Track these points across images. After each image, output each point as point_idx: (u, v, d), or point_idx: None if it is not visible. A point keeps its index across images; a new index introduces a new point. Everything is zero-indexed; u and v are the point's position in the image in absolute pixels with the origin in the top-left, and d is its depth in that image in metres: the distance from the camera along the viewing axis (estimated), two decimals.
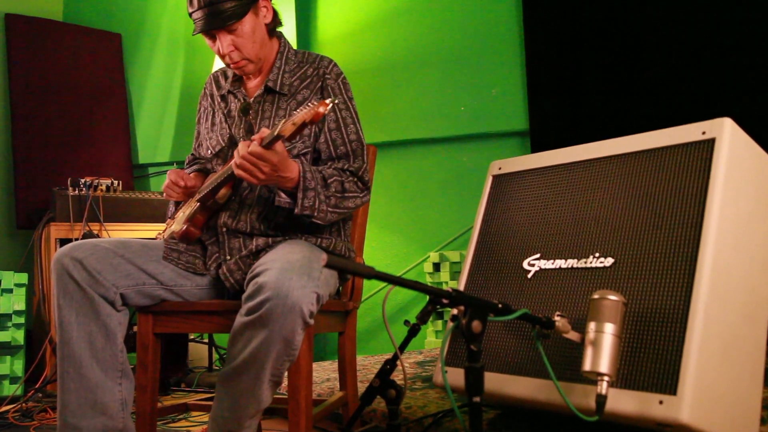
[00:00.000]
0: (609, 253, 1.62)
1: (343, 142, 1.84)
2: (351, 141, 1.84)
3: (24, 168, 3.66)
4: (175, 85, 4.16)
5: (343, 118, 1.86)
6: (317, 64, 1.92)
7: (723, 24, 2.90)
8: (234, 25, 1.78)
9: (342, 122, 1.85)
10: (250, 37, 1.81)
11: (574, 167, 1.81)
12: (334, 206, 1.75)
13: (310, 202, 1.69)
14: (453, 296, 1.30)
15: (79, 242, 1.71)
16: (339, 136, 1.84)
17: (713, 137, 1.56)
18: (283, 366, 1.53)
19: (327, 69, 1.90)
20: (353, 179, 1.81)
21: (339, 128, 1.84)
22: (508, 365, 1.68)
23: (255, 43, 1.83)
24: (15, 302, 2.93)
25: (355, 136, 1.86)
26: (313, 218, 1.71)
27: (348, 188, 1.78)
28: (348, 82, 1.93)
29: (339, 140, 1.84)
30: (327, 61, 1.93)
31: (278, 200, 1.72)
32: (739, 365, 1.53)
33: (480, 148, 3.61)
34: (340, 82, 1.90)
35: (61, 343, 1.64)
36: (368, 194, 1.86)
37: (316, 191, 1.69)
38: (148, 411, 1.76)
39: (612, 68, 3.17)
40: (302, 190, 1.68)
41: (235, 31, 1.79)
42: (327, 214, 1.73)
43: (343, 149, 1.83)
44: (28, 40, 3.81)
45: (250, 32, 1.81)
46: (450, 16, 3.67)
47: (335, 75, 1.90)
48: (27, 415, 2.55)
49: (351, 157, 1.83)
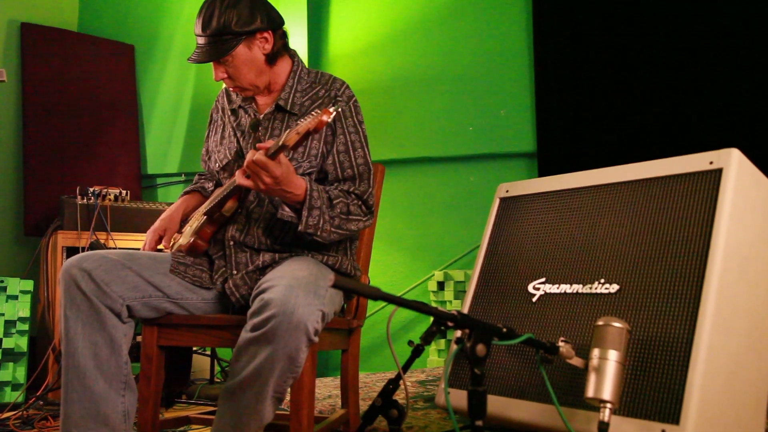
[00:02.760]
0: (614, 280, 1.63)
1: (351, 165, 1.85)
2: (359, 165, 1.85)
3: (34, 175, 3.68)
4: (185, 97, 4.19)
5: (352, 141, 1.87)
6: (329, 86, 1.93)
7: (732, 55, 2.92)
8: (225, 58, 1.80)
9: (351, 145, 1.86)
10: (241, 68, 1.83)
11: (581, 192, 1.82)
12: (338, 227, 1.76)
13: (315, 221, 1.70)
14: (458, 319, 1.31)
15: (87, 253, 1.72)
16: (347, 159, 1.85)
17: (720, 167, 1.57)
18: (286, 383, 1.53)
19: (339, 91, 1.91)
20: (358, 202, 1.82)
21: (347, 151, 1.85)
22: (511, 388, 1.68)
23: (249, 73, 1.85)
24: (20, 309, 2.93)
25: (363, 159, 1.87)
26: (315, 236, 1.72)
27: (353, 211, 1.80)
28: (359, 106, 1.94)
29: (347, 163, 1.85)
30: (339, 83, 1.94)
31: (281, 213, 1.73)
32: (742, 395, 1.53)
33: (487, 169, 3.62)
34: (351, 104, 1.91)
35: (66, 354, 1.65)
36: (371, 218, 1.88)
37: (321, 210, 1.70)
38: (150, 423, 1.76)
39: (620, 93, 3.19)
40: (308, 208, 1.69)
41: (226, 62, 1.81)
42: (330, 234, 1.74)
43: (350, 172, 1.84)
44: (42, 49, 3.85)
45: (241, 64, 1.82)
46: (460, 38, 3.69)
47: (347, 97, 1.91)
48: (28, 423, 2.54)
49: (357, 180, 1.84)
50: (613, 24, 3.22)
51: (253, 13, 1.81)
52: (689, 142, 2.84)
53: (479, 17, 3.66)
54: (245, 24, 1.79)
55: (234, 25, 1.78)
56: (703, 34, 2.98)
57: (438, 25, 3.74)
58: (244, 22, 1.79)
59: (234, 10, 1.78)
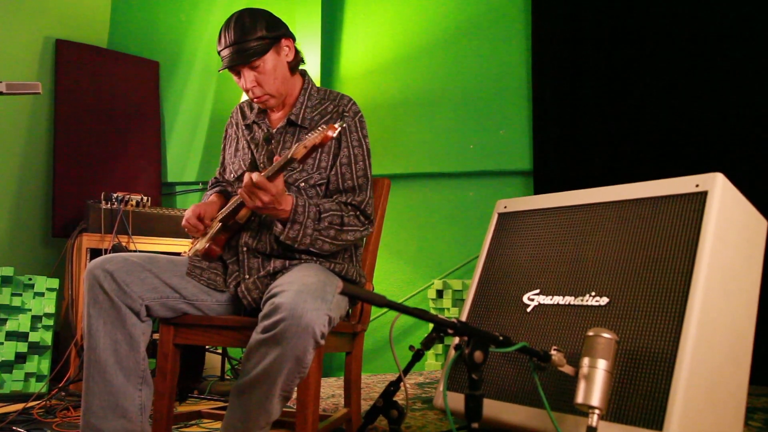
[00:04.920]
0: (604, 293, 1.63)
1: (351, 177, 1.86)
2: (358, 177, 1.86)
3: (62, 181, 3.70)
4: (205, 112, 4.21)
5: (355, 155, 1.88)
6: (337, 102, 1.94)
7: (720, 85, 2.92)
8: (256, 62, 1.82)
9: (353, 158, 1.87)
10: (271, 73, 1.85)
11: (575, 210, 1.82)
12: (333, 238, 1.77)
13: (294, 234, 1.72)
14: (458, 327, 1.30)
15: (110, 255, 1.73)
16: (348, 171, 1.86)
17: (706, 190, 1.57)
18: (293, 382, 1.53)
19: (346, 107, 1.93)
20: (355, 213, 1.83)
21: (350, 164, 1.86)
22: (505, 393, 1.68)
23: (276, 80, 1.87)
24: (45, 305, 2.94)
25: (363, 172, 1.88)
26: (295, 246, 1.74)
27: (347, 222, 1.80)
28: (365, 121, 1.95)
29: (348, 174, 1.86)
30: (347, 100, 1.95)
31: (275, 229, 1.75)
32: (722, 405, 1.52)
33: (485, 185, 3.62)
34: (357, 120, 1.92)
35: (88, 349, 1.65)
36: (371, 226, 1.88)
37: (302, 225, 1.72)
38: (164, 416, 1.76)
39: (612, 118, 3.19)
40: (291, 221, 1.72)
41: (257, 68, 1.83)
42: (323, 244, 1.76)
43: (350, 183, 1.85)
44: (75, 65, 3.88)
45: (271, 69, 1.85)
46: (464, 61, 3.71)
47: (353, 113, 1.92)
48: (50, 413, 2.54)
49: (356, 191, 1.85)
50: (607, 53, 3.23)
51: (276, 22, 1.88)
52: (677, 165, 2.84)
53: (481, 43, 3.67)
54: (272, 29, 1.84)
55: (263, 31, 1.82)
56: (694, 65, 2.99)
57: (443, 50, 3.76)
58: (272, 29, 1.84)
59: (261, 18, 1.84)
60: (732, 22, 2.91)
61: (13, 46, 3.68)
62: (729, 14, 2.92)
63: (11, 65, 3.65)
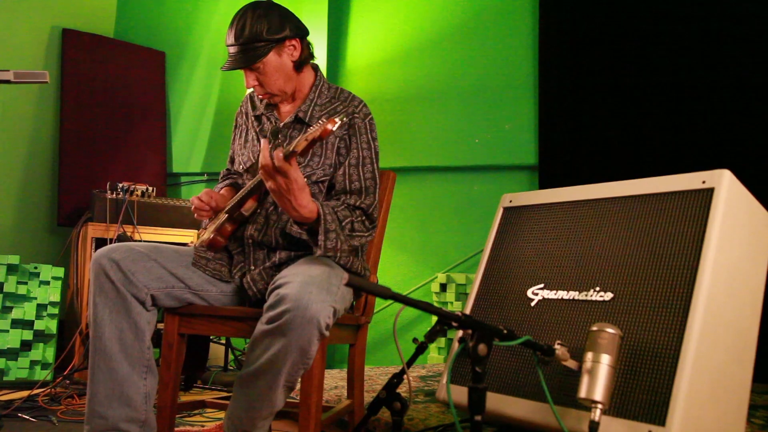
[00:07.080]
0: (609, 288, 1.62)
1: (359, 179, 1.84)
2: (366, 179, 1.85)
3: (68, 170, 3.71)
4: (210, 102, 4.21)
5: (363, 157, 1.86)
6: (348, 103, 1.92)
7: (727, 82, 2.91)
8: (256, 65, 1.81)
9: (361, 161, 1.86)
10: (272, 74, 1.84)
11: (580, 205, 1.82)
12: (349, 246, 1.76)
13: (332, 244, 1.66)
14: (462, 320, 1.30)
15: (116, 245, 1.73)
16: (356, 173, 1.85)
17: (712, 187, 1.56)
18: (297, 373, 1.53)
19: (357, 109, 1.90)
20: (362, 218, 1.81)
21: (358, 165, 1.85)
22: (508, 386, 1.68)
23: (278, 79, 1.86)
24: (51, 294, 2.95)
25: (371, 174, 1.86)
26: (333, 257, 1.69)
27: (356, 228, 1.78)
28: (374, 124, 1.93)
29: (355, 176, 1.84)
30: (358, 101, 1.93)
31: (290, 228, 1.72)
32: (725, 402, 1.52)
33: (490, 179, 3.62)
34: (367, 122, 1.90)
35: (94, 338, 1.66)
36: (374, 231, 1.86)
37: (336, 233, 1.67)
38: (168, 405, 1.77)
39: (619, 113, 3.18)
40: (324, 231, 1.64)
41: (258, 69, 1.82)
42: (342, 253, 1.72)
43: (358, 185, 1.84)
44: (81, 54, 3.88)
45: (272, 70, 1.83)
46: (470, 55, 3.70)
47: (363, 115, 1.90)
48: (55, 400, 2.56)
49: (363, 194, 1.83)
50: (614, 48, 3.22)
51: (283, 23, 1.82)
52: (683, 162, 2.83)
53: (488, 37, 3.67)
54: (275, 32, 1.81)
55: (265, 33, 1.79)
56: (701, 60, 2.98)
57: (449, 43, 3.75)
58: (275, 31, 1.81)
59: (265, 19, 1.80)
60: (740, 19, 2.89)
61: (20, 36, 3.68)
62: (737, 11, 2.90)
63: (18, 54, 3.66)
